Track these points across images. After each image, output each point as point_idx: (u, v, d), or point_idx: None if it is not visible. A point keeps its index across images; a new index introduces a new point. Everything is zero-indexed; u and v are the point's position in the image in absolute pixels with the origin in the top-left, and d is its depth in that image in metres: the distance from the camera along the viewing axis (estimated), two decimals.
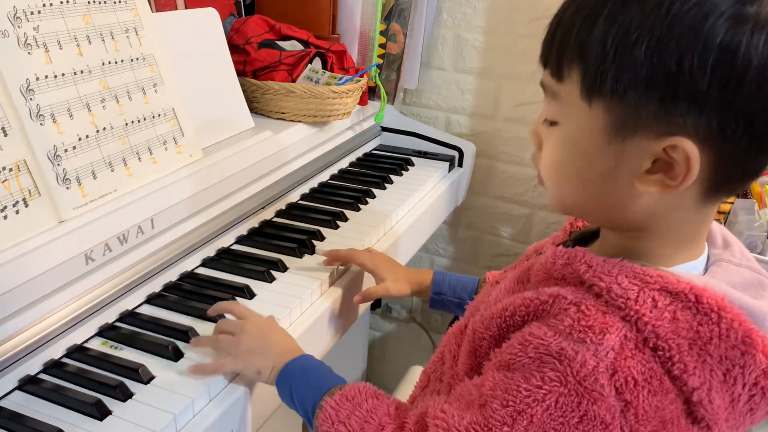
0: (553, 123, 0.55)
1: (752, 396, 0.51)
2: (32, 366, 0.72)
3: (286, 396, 0.72)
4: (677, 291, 0.50)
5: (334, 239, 1.06)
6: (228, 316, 0.82)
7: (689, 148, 0.48)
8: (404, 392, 1.22)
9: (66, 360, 0.75)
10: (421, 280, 0.95)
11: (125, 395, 0.69)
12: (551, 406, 0.50)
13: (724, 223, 1.06)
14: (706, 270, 0.57)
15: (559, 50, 0.52)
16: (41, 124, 0.74)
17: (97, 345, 0.78)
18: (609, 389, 0.49)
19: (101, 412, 0.67)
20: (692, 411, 0.50)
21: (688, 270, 0.55)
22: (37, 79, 0.75)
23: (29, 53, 0.74)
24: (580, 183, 0.55)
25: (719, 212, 1.08)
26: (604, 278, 0.52)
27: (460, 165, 1.47)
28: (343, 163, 1.36)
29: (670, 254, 0.55)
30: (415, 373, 1.29)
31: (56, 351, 0.75)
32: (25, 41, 0.74)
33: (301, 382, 0.70)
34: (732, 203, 1.06)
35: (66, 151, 0.77)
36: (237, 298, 0.87)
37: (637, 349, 0.50)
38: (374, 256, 0.97)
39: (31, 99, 0.74)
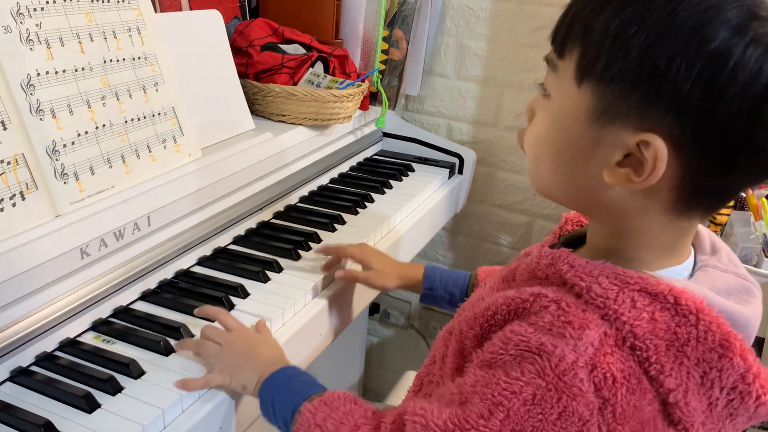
0: (546, 95, 0.57)
1: (731, 400, 0.51)
2: (25, 358, 0.73)
3: (268, 407, 0.71)
4: (656, 292, 0.51)
5: (330, 242, 1.07)
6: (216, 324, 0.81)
7: (659, 145, 0.49)
8: (398, 397, 1.22)
9: (58, 353, 0.76)
10: (412, 274, 0.95)
11: (115, 389, 0.70)
12: (528, 400, 0.50)
13: (720, 235, 1.06)
14: (691, 275, 0.57)
15: (567, 28, 0.53)
16: (41, 119, 0.75)
17: (90, 339, 0.78)
18: (588, 385, 0.49)
19: (90, 405, 0.67)
20: (669, 413, 0.51)
21: (672, 274, 0.56)
22: (38, 74, 0.76)
23: (31, 49, 0.75)
24: (556, 160, 0.56)
25: (715, 224, 1.08)
26: (584, 278, 0.52)
27: (461, 172, 1.47)
28: (344, 168, 1.37)
29: (652, 260, 0.56)
30: (410, 378, 1.29)
31: (49, 344, 0.76)
32: (27, 37, 0.75)
33: (283, 391, 0.70)
34: (728, 215, 1.06)
35: (65, 146, 0.78)
36: (231, 297, 0.87)
37: (617, 346, 0.50)
38: (364, 248, 0.97)
39: (31, 94, 0.75)
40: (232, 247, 1.03)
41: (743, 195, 1.04)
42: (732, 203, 1.05)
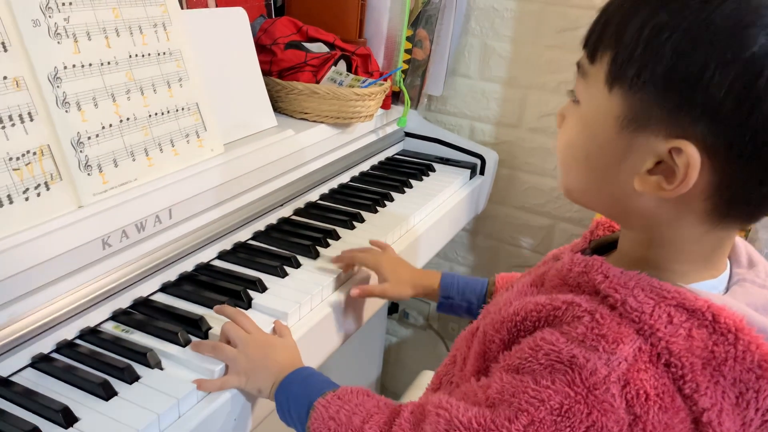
0: (576, 101, 0.56)
1: (765, 422, 0.50)
2: (45, 345, 0.74)
3: (284, 408, 0.72)
4: (694, 308, 0.50)
5: (349, 239, 1.07)
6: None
7: (691, 153, 0.47)
8: (414, 396, 1.22)
9: (78, 341, 0.77)
10: (428, 282, 0.94)
11: (132, 378, 0.71)
12: (556, 410, 0.49)
13: (746, 239, 1.04)
14: (727, 289, 0.56)
15: (600, 32, 0.53)
16: (66, 111, 0.77)
17: (110, 328, 0.80)
18: (620, 401, 0.48)
19: (107, 393, 0.68)
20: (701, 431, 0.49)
21: (707, 288, 0.54)
22: (65, 67, 0.77)
23: (59, 42, 0.77)
24: (586, 168, 0.55)
25: (742, 229, 1.06)
26: (619, 290, 0.51)
27: (482, 173, 1.47)
28: (365, 166, 1.37)
29: (686, 271, 0.54)
30: (427, 378, 1.29)
31: (70, 332, 0.77)
32: (56, 31, 0.77)
33: (298, 391, 0.71)
34: None
35: (89, 138, 0.79)
36: (249, 290, 0.88)
37: (651, 362, 0.49)
38: (378, 256, 0.95)
39: (58, 87, 0.76)
40: (252, 242, 1.04)
41: None
42: None
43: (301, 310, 0.87)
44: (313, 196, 1.20)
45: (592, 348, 0.49)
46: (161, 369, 0.73)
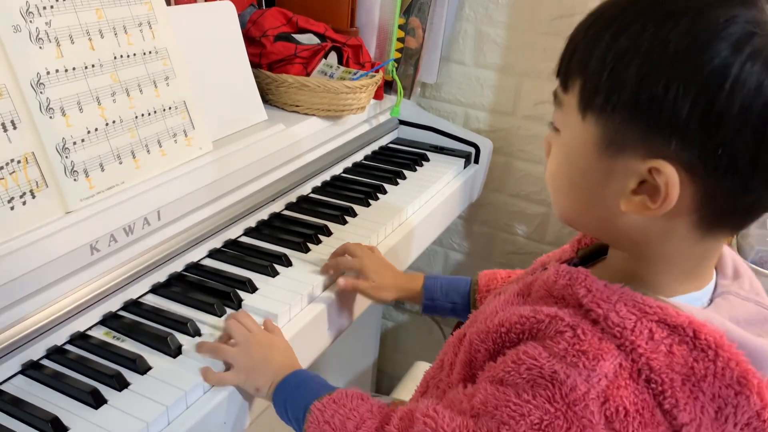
0: (556, 130, 0.57)
1: None
2: (36, 351, 0.75)
3: (282, 410, 0.74)
4: (676, 324, 0.50)
5: (341, 235, 1.07)
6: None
7: (669, 172, 0.48)
8: (409, 388, 1.23)
9: (68, 347, 0.78)
10: (411, 286, 0.94)
11: (122, 385, 0.71)
12: (536, 424, 0.50)
13: (737, 235, 1.04)
14: (711, 301, 0.56)
15: (569, 62, 0.53)
16: (51, 117, 0.76)
17: (100, 333, 0.80)
18: (598, 417, 0.49)
19: (97, 401, 0.69)
20: None
21: (691, 301, 0.55)
22: (48, 73, 0.76)
23: (41, 48, 0.76)
24: (573, 194, 0.56)
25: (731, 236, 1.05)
26: (602, 305, 0.52)
27: (476, 162, 1.46)
28: (358, 156, 1.36)
29: (671, 284, 0.55)
30: (421, 368, 1.30)
31: (60, 337, 0.78)
32: (37, 36, 0.76)
33: (295, 394, 0.73)
34: None
35: (74, 143, 0.79)
36: (239, 291, 0.88)
37: (631, 379, 0.50)
38: (363, 258, 0.95)
39: (41, 93, 0.75)
40: (243, 239, 1.04)
41: None
42: None
43: (291, 310, 0.88)
44: (306, 189, 1.20)
45: (573, 364, 0.50)
46: (151, 375, 0.74)
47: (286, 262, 0.97)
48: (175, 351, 0.77)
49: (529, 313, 0.56)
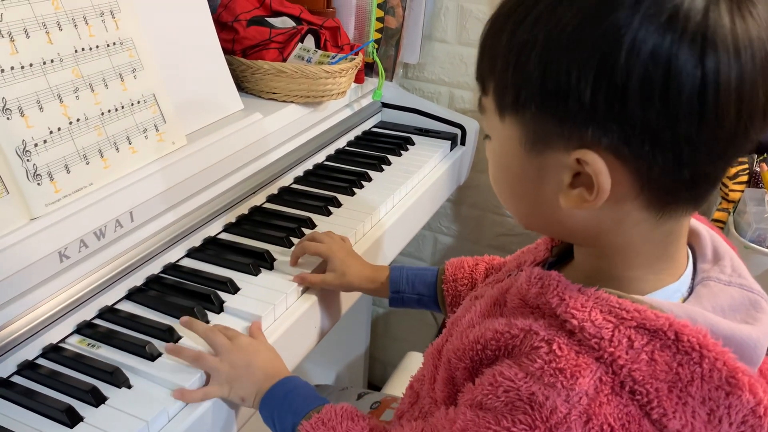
0: (487, 137, 0.55)
1: None
2: (6, 367, 0.71)
3: (269, 422, 0.71)
4: (656, 328, 0.47)
5: (325, 227, 1.03)
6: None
7: (592, 159, 0.46)
8: (401, 380, 1.21)
9: (41, 361, 0.74)
10: (376, 276, 0.89)
11: (98, 400, 0.68)
12: None
13: (733, 213, 1.01)
14: (691, 289, 0.53)
15: (481, 65, 0.52)
16: (8, 118, 0.71)
17: (74, 343, 0.76)
18: None
19: (72, 419, 0.65)
20: None
21: (668, 296, 0.52)
22: (3, 71, 0.71)
23: None
24: (516, 198, 0.55)
25: (728, 201, 1.03)
26: (576, 315, 0.49)
27: (463, 143, 1.42)
28: (341, 143, 1.32)
29: (644, 277, 0.52)
30: (412, 359, 1.27)
31: (32, 351, 0.73)
32: None
33: (282, 407, 0.70)
34: (742, 192, 1.01)
35: (36, 145, 0.74)
36: (220, 293, 0.84)
37: (614, 393, 0.47)
38: (331, 245, 0.91)
39: None
40: (223, 236, 0.99)
41: (757, 170, 0.98)
42: (746, 178, 1.00)
43: (275, 310, 0.84)
44: (287, 180, 1.15)
45: (551, 384, 0.47)
46: (129, 387, 0.70)
47: (269, 259, 0.93)
48: (155, 358, 0.73)
49: (503, 327, 0.53)
